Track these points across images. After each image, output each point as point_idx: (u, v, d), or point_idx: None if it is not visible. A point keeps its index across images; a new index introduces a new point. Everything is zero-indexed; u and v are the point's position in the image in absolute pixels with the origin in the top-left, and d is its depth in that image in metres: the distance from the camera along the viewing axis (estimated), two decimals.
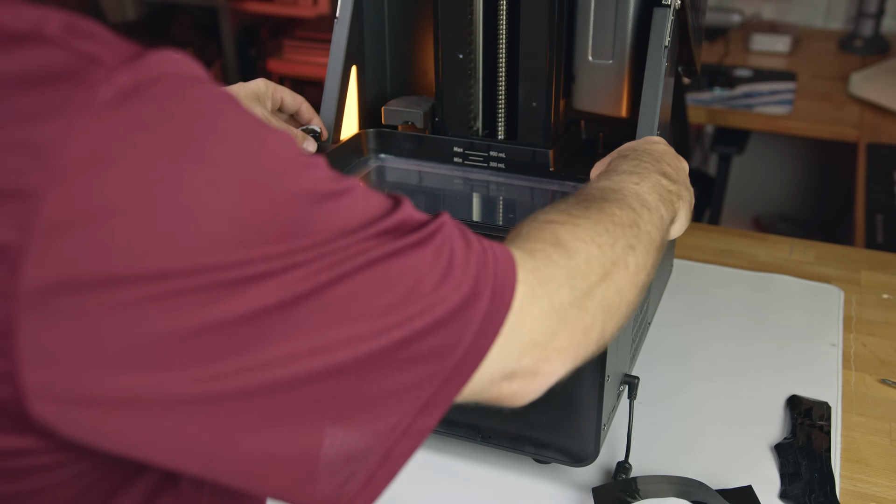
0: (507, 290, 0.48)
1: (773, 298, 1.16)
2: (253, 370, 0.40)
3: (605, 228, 0.57)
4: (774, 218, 2.78)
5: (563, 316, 0.51)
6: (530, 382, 0.51)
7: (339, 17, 0.98)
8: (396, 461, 0.46)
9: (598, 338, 0.55)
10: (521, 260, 0.50)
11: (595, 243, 0.55)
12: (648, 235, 0.61)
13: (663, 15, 0.88)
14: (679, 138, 2.08)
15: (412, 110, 1.00)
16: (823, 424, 0.92)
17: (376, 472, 0.45)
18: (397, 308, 0.43)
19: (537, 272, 0.51)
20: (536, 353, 0.50)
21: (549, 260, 0.52)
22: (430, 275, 0.44)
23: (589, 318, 0.53)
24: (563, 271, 0.52)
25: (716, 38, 2.50)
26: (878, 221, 1.68)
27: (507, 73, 0.97)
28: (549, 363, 0.51)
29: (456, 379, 0.46)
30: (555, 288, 0.51)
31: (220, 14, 2.96)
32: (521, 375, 0.50)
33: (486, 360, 0.47)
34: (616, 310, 0.56)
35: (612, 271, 0.56)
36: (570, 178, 0.94)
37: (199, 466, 0.42)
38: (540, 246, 0.53)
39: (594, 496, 0.82)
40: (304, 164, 0.43)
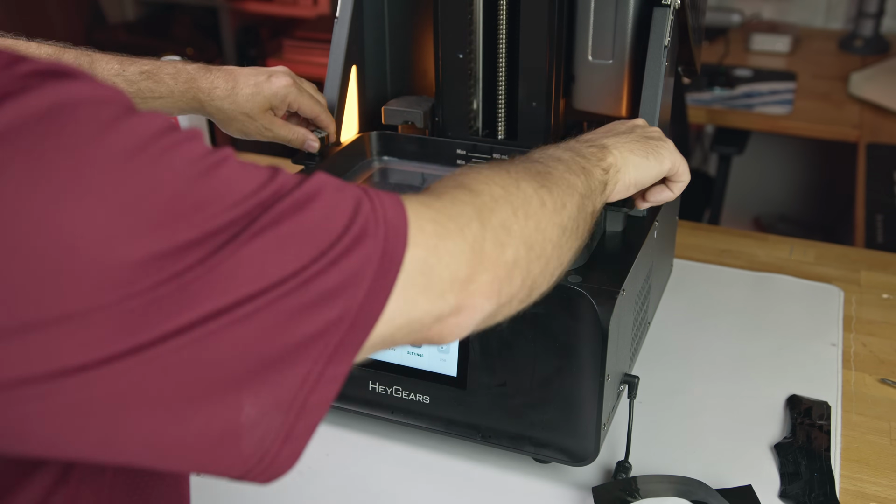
0: (400, 229, 0.48)
1: (773, 298, 1.16)
2: (155, 345, 0.39)
3: (505, 171, 0.59)
4: (774, 218, 2.78)
5: (479, 249, 0.52)
6: (457, 318, 0.51)
7: (339, 17, 0.98)
8: (313, 413, 0.45)
9: (525, 276, 0.55)
10: (427, 201, 0.51)
11: (497, 183, 0.57)
12: (565, 180, 0.62)
13: (663, 15, 0.88)
14: (679, 138, 2.08)
15: (412, 110, 1.00)
16: (823, 424, 0.92)
17: (295, 425, 0.45)
18: (291, 263, 0.43)
19: (445, 210, 0.51)
20: (458, 287, 0.50)
21: (454, 199, 0.53)
22: (319, 228, 0.44)
23: (510, 252, 0.54)
24: (471, 207, 0.53)
25: (716, 38, 2.50)
26: (878, 221, 1.68)
27: (507, 73, 0.97)
28: (472, 298, 0.51)
29: (362, 322, 0.46)
30: (465, 222, 0.52)
31: (220, 14, 2.96)
32: (449, 313, 0.50)
33: (411, 300, 0.47)
34: (539, 247, 0.57)
35: (525, 207, 0.57)
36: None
37: (103, 448, 0.41)
38: (445, 190, 0.54)
39: (594, 496, 0.82)
40: (178, 142, 0.42)
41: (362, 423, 0.93)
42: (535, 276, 0.57)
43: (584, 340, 0.76)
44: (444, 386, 0.84)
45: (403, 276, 0.47)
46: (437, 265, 0.49)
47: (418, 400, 0.85)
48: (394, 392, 0.86)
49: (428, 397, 0.85)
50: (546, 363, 0.79)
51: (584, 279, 0.77)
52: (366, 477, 0.88)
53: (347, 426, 0.94)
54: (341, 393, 0.93)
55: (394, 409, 0.87)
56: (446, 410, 0.85)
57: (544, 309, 0.77)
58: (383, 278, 0.46)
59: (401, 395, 0.86)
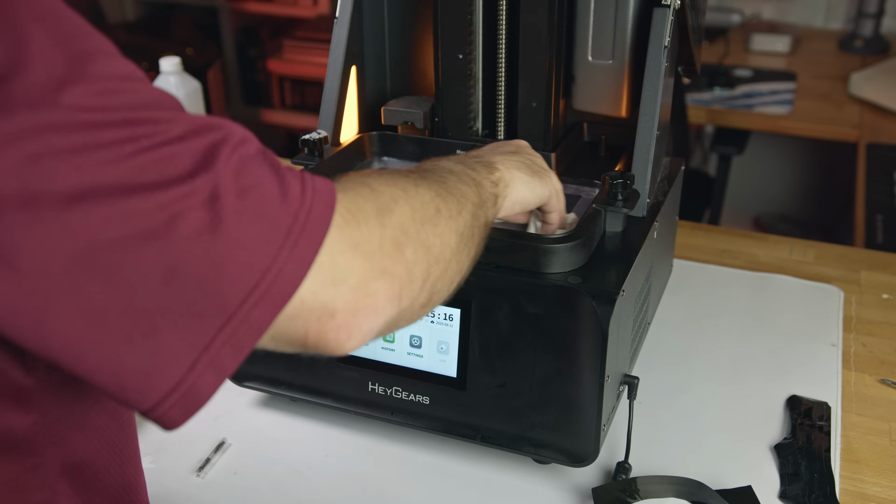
0: (329, 198, 0.50)
1: (773, 298, 1.16)
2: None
3: (404, 176, 0.60)
4: (774, 218, 2.78)
5: (378, 247, 0.52)
6: (355, 319, 0.51)
7: (339, 17, 0.98)
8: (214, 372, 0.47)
9: (424, 278, 0.56)
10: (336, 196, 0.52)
11: (397, 186, 0.57)
12: (458, 189, 0.63)
13: (663, 15, 0.88)
14: (679, 138, 2.08)
15: (412, 110, 1.00)
16: (823, 424, 0.92)
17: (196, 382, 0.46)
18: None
19: (349, 204, 0.52)
20: (355, 282, 0.50)
21: (358, 195, 0.54)
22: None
23: (408, 253, 0.54)
24: (371, 205, 0.54)
25: (716, 38, 2.50)
26: (878, 221, 1.68)
27: (507, 73, 0.97)
28: (371, 297, 0.51)
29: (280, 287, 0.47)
30: (364, 219, 0.52)
31: (220, 14, 2.97)
32: (343, 310, 0.50)
33: (303, 285, 0.48)
34: (438, 251, 0.57)
35: (423, 211, 0.57)
36: (573, 180, 0.94)
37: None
38: (348, 185, 0.55)
39: (594, 496, 0.82)
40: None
41: (362, 424, 0.93)
42: (435, 280, 0.57)
43: (584, 341, 0.76)
44: (443, 387, 0.84)
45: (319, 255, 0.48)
46: (338, 255, 0.50)
47: (418, 401, 0.85)
48: (393, 393, 0.86)
49: (428, 398, 0.85)
50: (546, 364, 0.79)
51: (584, 280, 0.77)
52: (366, 477, 0.88)
53: (347, 427, 0.94)
54: (341, 393, 0.93)
55: (393, 409, 0.87)
56: (446, 411, 0.85)
57: (544, 309, 0.77)
58: (307, 243, 0.48)
59: (400, 395, 0.86)
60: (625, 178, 0.83)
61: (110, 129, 0.43)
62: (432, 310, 0.61)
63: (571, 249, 0.78)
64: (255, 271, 0.46)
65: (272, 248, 0.46)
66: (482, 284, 0.79)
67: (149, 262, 0.43)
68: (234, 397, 0.97)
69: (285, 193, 0.48)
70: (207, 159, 0.45)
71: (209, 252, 0.45)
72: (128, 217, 0.43)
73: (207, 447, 0.91)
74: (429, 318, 0.83)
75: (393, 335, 0.85)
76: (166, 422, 0.47)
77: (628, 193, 0.84)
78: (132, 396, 0.46)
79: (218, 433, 0.93)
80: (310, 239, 0.48)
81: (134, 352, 0.44)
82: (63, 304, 0.43)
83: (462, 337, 0.82)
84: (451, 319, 0.82)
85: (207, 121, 0.47)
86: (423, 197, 0.58)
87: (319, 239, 0.48)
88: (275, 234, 0.47)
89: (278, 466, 0.89)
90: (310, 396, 0.90)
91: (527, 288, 0.77)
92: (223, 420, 0.95)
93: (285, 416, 0.95)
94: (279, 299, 0.47)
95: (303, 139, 0.94)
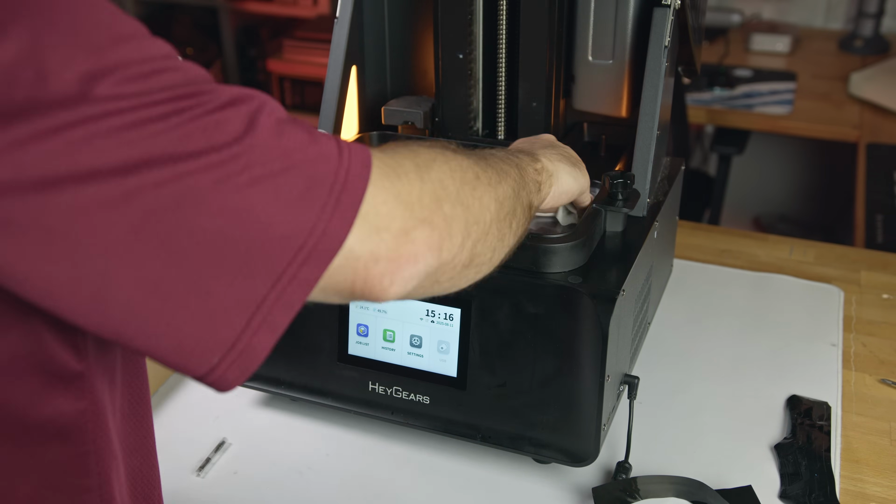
0: (366, 159, 0.51)
1: (773, 298, 1.16)
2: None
3: (444, 145, 0.62)
4: (774, 218, 2.78)
5: (417, 198, 0.54)
6: (397, 264, 0.52)
7: (339, 17, 0.98)
8: (282, 314, 0.48)
9: (464, 236, 0.57)
10: (372, 152, 0.54)
11: (435, 149, 0.59)
12: (498, 165, 0.65)
13: (663, 15, 0.88)
14: (679, 138, 2.08)
15: (412, 110, 1.00)
16: (823, 424, 0.92)
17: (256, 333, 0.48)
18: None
19: (388, 160, 0.54)
20: (396, 229, 0.52)
21: (396, 153, 0.56)
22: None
23: (447, 207, 0.56)
24: (410, 162, 0.55)
25: (716, 38, 2.50)
26: (878, 221, 1.68)
27: (507, 73, 0.97)
28: (412, 245, 0.53)
29: (326, 244, 0.48)
30: (404, 172, 0.54)
31: (220, 14, 2.96)
32: (386, 255, 0.51)
33: (349, 237, 0.49)
34: (477, 212, 0.59)
35: (462, 173, 0.59)
36: None
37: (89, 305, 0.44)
38: (389, 147, 0.57)
39: (594, 496, 0.82)
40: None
41: (362, 424, 0.93)
42: (475, 241, 0.59)
43: (584, 341, 0.76)
44: (443, 386, 0.84)
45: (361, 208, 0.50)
46: (380, 205, 0.51)
47: (418, 400, 0.85)
48: (394, 392, 0.86)
49: (428, 398, 0.85)
50: (546, 363, 0.79)
51: (584, 279, 0.77)
52: (366, 477, 0.88)
53: (347, 426, 0.94)
54: (341, 393, 0.93)
55: (394, 409, 0.87)
56: (446, 411, 0.85)
57: (544, 309, 0.77)
58: (349, 200, 0.49)
59: (401, 395, 0.86)
60: (625, 178, 0.83)
61: (153, 108, 0.44)
62: (477, 278, 0.61)
63: (571, 249, 0.78)
64: (301, 229, 0.47)
65: (316, 205, 0.48)
66: (482, 284, 0.78)
67: (201, 225, 0.44)
68: (234, 397, 0.97)
69: (322, 153, 0.49)
70: (250, 125, 0.47)
71: (257, 212, 0.46)
72: (179, 182, 0.44)
73: (207, 447, 0.91)
74: (429, 318, 0.83)
75: (393, 335, 0.85)
76: (224, 383, 0.48)
77: (628, 193, 0.84)
78: (191, 360, 0.47)
79: (218, 433, 0.93)
80: (351, 194, 0.49)
81: (191, 316, 0.46)
82: (122, 276, 0.44)
83: (462, 337, 0.82)
84: (451, 319, 0.82)
85: (243, 91, 0.48)
86: (462, 162, 0.60)
87: (361, 193, 0.50)
88: (318, 192, 0.48)
89: (278, 466, 0.89)
90: (310, 396, 0.90)
91: (527, 288, 0.77)
92: (223, 420, 0.95)
93: (285, 416, 0.95)
94: (326, 255, 0.48)
95: None
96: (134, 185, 0.43)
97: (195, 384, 0.99)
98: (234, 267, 0.46)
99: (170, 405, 0.97)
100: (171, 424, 0.94)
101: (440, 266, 0.55)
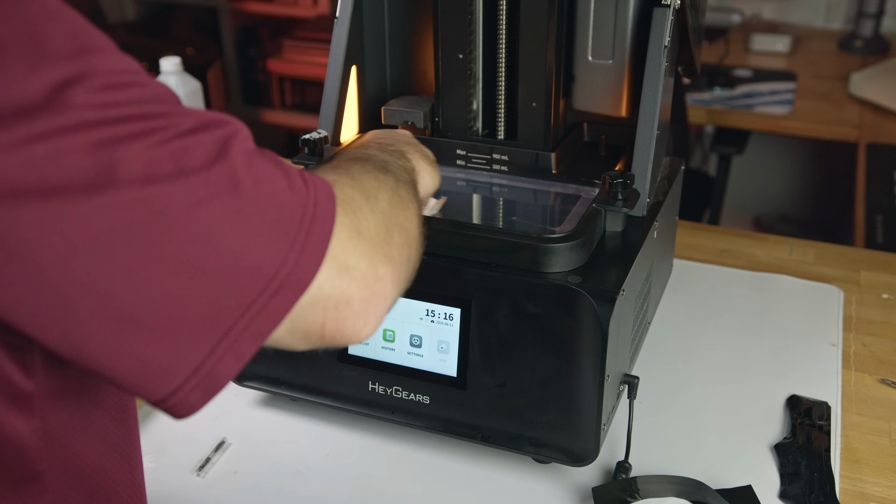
0: (329, 193, 0.51)
1: (773, 298, 1.16)
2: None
3: (362, 163, 0.62)
4: (774, 218, 2.78)
5: (376, 234, 0.54)
6: (368, 304, 0.52)
7: (339, 17, 0.98)
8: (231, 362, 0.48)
9: (409, 262, 0.58)
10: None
11: (370, 175, 0.59)
12: (403, 177, 0.65)
13: (663, 15, 0.88)
14: (679, 138, 2.08)
15: (412, 110, 1.00)
16: (823, 424, 0.92)
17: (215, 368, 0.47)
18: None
19: (341, 195, 0.53)
20: (363, 270, 0.51)
21: (345, 186, 0.55)
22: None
23: (397, 237, 0.56)
24: (360, 194, 0.55)
25: (716, 38, 2.50)
26: (878, 221, 1.68)
27: (507, 73, 0.97)
28: (379, 283, 0.52)
29: (295, 281, 0.48)
30: (357, 207, 0.54)
31: (220, 14, 2.96)
32: (358, 297, 0.51)
33: (319, 273, 0.49)
34: (412, 234, 0.59)
35: (394, 197, 0.59)
36: (573, 179, 0.94)
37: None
38: (332, 177, 0.56)
39: (594, 496, 0.82)
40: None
41: (362, 424, 0.93)
42: (413, 263, 0.59)
43: (584, 340, 0.76)
44: (443, 386, 0.84)
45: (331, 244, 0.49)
46: (345, 241, 0.51)
47: (418, 400, 0.85)
48: (394, 392, 0.86)
49: (428, 397, 0.85)
50: (546, 363, 0.79)
51: (584, 279, 0.77)
52: (366, 477, 0.88)
53: (347, 426, 0.94)
54: (341, 393, 0.93)
55: (394, 409, 0.87)
56: (446, 411, 0.85)
57: (544, 309, 0.77)
58: (319, 232, 0.49)
59: (401, 395, 0.86)
60: (625, 178, 0.83)
61: (122, 125, 0.43)
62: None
63: (571, 249, 0.78)
64: (273, 260, 0.47)
65: (288, 237, 0.47)
66: (482, 284, 0.79)
67: (169, 251, 0.44)
68: (234, 397, 0.97)
69: (292, 186, 0.49)
70: (221, 152, 0.46)
71: (229, 242, 0.45)
72: (147, 205, 0.43)
73: (207, 447, 0.91)
74: (429, 318, 0.83)
75: (393, 334, 0.85)
76: (184, 407, 0.48)
77: (628, 193, 0.84)
78: (151, 384, 0.46)
79: (218, 433, 0.93)
80: (321, 227, 0.49)
81: (155, 341, 0.45)
82: (85, 299, 0.43)
83: (462, 336, 0.82)
84: (451, 319, 0.82)
85: (213, 115, 0.48)
86: (390, 183, 0.60)
87: (329, 227, 0.50)
88: (289, 223, 0.48)
89: (278, 466, 0.89)
90: (310, 396, 0.90)
91: (527, 287, 0.77)
92: (223, 420, 0.95)
93: (285, 416, 0.95)
94: (297, 287, 0.48)
95: (303, 139, 0.94)
96: (100, 206, 0.42)
97: None
98: (201, 293, 0.45)
99: None
100: (171, 424, 0.94)
101: (398, 296, 0.56)
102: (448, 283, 0.81)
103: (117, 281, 0.43)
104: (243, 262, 0.46)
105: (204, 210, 0.44)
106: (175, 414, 0.48)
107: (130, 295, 0.44)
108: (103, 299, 0.43)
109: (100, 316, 0.44)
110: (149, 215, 0.43)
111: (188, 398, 0.47)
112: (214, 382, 0.47)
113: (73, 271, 0.42)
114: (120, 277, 0.43)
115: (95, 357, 0.45)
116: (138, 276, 0.43)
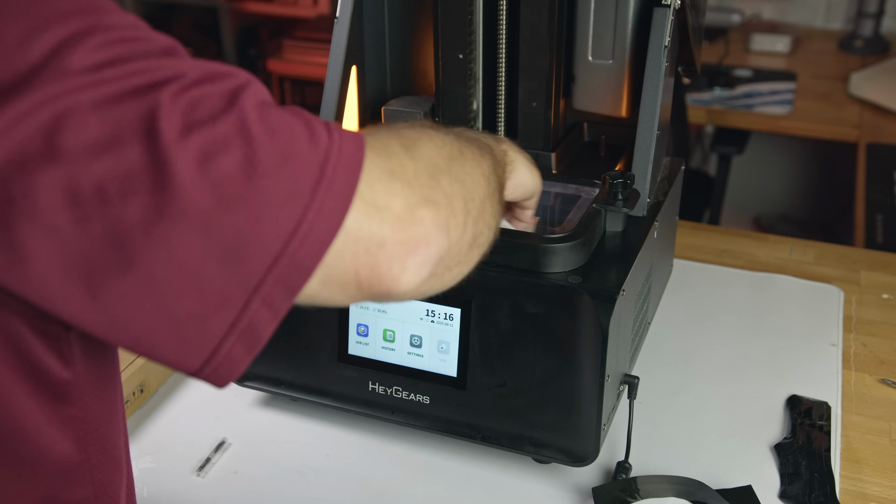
0: (359, 142, 0.49)
1: (773, 298, 1.16)
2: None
3: (420, 125, 0.60)
4: (774, 218, 2.78)
5: (414, 177, 0.51)
6: (404, 247, 0.49)
7: (339, 17, 0.98)
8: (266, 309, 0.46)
9: (465, 214, 0.54)
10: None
11: (418, 129, 0.57)
12: (476, 142, 0.63)
13: (663, 15, 0.88)
14: (679, 138, 2.08)
15: (412, 110, 1.00)
16: (823, 424, 0.92)
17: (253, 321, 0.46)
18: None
19: (375, 142, 0.51)
20: (397, 210, 0.49)
21: (381, 135, 0.54)
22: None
23: (445, 184, 0.53)
24: (398, 142, 0.53)
25: (716, 38, 2.50)
26: (878, 221, 1.68)
27: (507, 73, 0.97)
28: (419, 226, 0.50)
29: (321, 228, 0.46)
30: (393, 152, 0.52)
31: (220, 14, 2.96)
32: (391, 239, 0.49)
33: (347, 217, 0.47)
34: (472, 187, 0.56)
35: (448, 150, 0.57)
36: (573, 179, 0.94)
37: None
38: (370, 130, 0.55)
39: (594, 496, 0.82)
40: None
41: (362, 424, 0.93)
42: (475, 218, 0.56)
43: (584, 341, 0.76)
44: (443, 386, 0.84)
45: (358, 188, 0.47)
46: (375, 182, 0.49)
47: (418, 400, 0.85)
48: (394, 392, 0.86)
49: (428, 398, 0.85)
50: (546, 363, 0.79)
51: (584, 279, 0.77)
52: (366, 477, 0.88)
53: (347, 426, 0.94)
54: (341, 393, 0.93)
55: (394, 409, 0.87)
56: (446, 411, 0.85)
57: (544, 309, 0.77)
58: (345, 178, 0.47)
59: (401, 395, 0.86)
60: (625, 178, 0.83)
61: (127, 80, 0.43)
62: (478, 260, 0.58)
63: (572, 249, 0.78)
64: (295, 211, 0.45)
65: (308, 185, 0.46)
66: (482, 284, 0.79)
67: (182, 209, 0.43)
68: (234, 397, 0.97)
69: (313, 134, 0.47)
70: (231, 103, 0.45)
71: (245, 195, 0.44)
72: (155, 164, 0.42)
73: (207, 447, 0.91)
74: (429, 318, 0.83)
75: (393, 334, 0.85)
76: (229, 365, 0.47)
77: (628, 193, 0.84)
78: (190, 345, 0.45)
79: (218, 433, 0.93)
80: (346, 173, 0.47)
81: (184, 299, 0.44)
82: (108, 262, 0.42)
83: (462, 336, 0.82)
84: (451, 319, 0.82)
85: (220, 67, 0.47)
86: (444, 138, 0.58)
87: (356, 172, 0.48)
88: (309, 172, 0.46)
89: (278, 466, 0.89)
90: (310, 396, 0.90)
91: (527, 287, 0.77)
92: (223, 420, 0.95)
93: (285, 416, 0.95)
94: (324, 235, 0.46)
95: None
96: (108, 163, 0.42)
97: (195, 384, 0.99)
98: (222, 248, 0.44)
99: (170, 405, 0.97)
100: (171, 424, 0.94)
101: (448, 248, 0.52)
102: None
103: (136, 241, 0.42)
104: (262, 214, 0.44)
105: (216, 163, 0.43)
106: (222, 374, 0.47)
107: (150, 254, 0.43)
108: (125, 260, 0.43)
109: (126, 284, 0.43)
110: (160, 171, 0.42)
111: (231, 354, 0.46)
112: (254, 337, 0.46)
113: (93, 234, 0.42)
114: (138, 236, 0.42)
115: (129, 326, 0.44)
116: (155, 234, 0.43)
